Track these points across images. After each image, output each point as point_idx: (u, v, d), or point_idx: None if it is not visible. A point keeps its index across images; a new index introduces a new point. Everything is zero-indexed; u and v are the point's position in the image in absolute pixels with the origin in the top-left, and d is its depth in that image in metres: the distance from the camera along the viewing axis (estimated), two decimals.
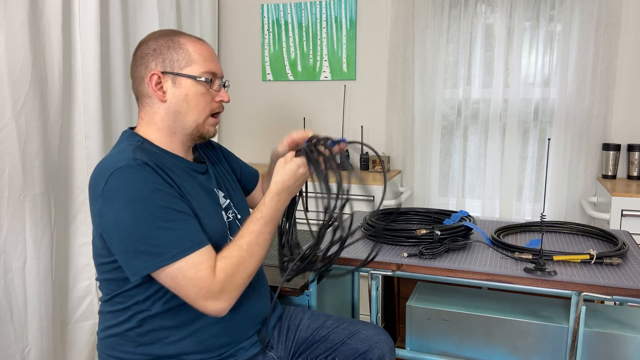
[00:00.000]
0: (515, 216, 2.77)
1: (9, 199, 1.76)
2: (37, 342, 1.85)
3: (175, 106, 1.18)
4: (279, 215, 1.16)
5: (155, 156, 1.14)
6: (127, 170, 1.05)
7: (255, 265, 1.13)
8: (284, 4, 3.10)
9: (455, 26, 2.76)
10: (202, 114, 1.20)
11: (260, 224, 1.13)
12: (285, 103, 3.17)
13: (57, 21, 1.90)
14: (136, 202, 1.04)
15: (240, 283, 1.10)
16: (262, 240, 1.13)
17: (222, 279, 1.06)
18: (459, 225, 1.58)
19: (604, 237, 1.62)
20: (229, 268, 1.08)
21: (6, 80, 1.72)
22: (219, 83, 1.22)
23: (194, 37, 1.22)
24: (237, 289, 1.10)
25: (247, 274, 1.11)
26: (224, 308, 1.08)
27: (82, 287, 2.09)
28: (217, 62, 1.22)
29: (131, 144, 1.14)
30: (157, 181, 1.07)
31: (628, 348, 1.39)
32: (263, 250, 1.14)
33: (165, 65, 1.17)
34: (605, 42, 2.52)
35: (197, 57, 1.18)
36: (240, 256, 1.09)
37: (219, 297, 1.06)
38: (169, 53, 1.17)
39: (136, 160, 1.07)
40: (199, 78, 1.17)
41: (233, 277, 1.08)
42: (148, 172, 1.06)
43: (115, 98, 2.23)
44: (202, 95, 1.19)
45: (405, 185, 2.96)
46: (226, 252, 1.10)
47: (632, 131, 2.59)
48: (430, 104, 2.83)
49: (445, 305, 1.57)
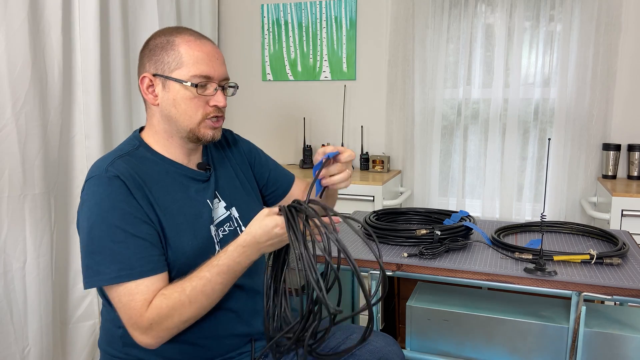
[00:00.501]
0: (516, 216, 2.77)
1: (8, 199, 1.76)
2: (37, 342, 1.85)
3: (166, 110, 1.14)
4: (238, 269, 1.04)
5: (142, 165, 1.12)
6: (95, 181, 1.06)
7: (195, 313, 1.04)
8: (284, 4, 3.10)
9: (455, 26, 2.76)
10: (194, 119, 1.13)
11: (213, 273, 1.03)
12: (285, 103, 3.17)
13: (57, 21, 1.90)
14: (94, 216, 1.04)
15: (171, 327, 1.02)
16: (209, 289, 1.03)
17: (152, 317, 1.01)
18: (459, 225, 1.58)
19: (604, 237, 1.62)
20: (163, 309, 1.01)
21: (6, 80, 1.72)
22: (214, 87, 1.14)
23: (195, 36, 1.15)
24: (167, 331, 1.03)
25: (182, 319, 1.03)
26: (151, 344, 1.03)
27: (82, 287, 2.08)
28: (213, 64, 1.13)
29: (121, 149, 1.14)
30: (119, 198, 1.04)
31: (628, 348, 1.39)
32: (208, 300, 1.04)
33: (157, 67, 1.13)
34: (605, 42, 2.52)
35: (188, 60, 1.11)
36: (179, 299, 1.01)
37: (145, 333, 1.02)
38: (161, 54, 1.12)
39: (108, 172, 1.06)
40: (185, 82, 1.10)
41: (165, 318, 1.01)
42: (114, 187, 1.05)
43: (115, 98, 2.23)
44: (190, 100, 1.12)
45: (405, 185, 2.96)
46: (168, 290, 1.03)
47: (632, 131, 2.59)
48: (430, 104, 2.83)
49: (445, 305, 1.57)
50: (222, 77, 1.16)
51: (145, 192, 1.08)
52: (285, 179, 1.44)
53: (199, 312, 1.05)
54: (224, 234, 1.20)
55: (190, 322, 1.05)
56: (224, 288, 1.05)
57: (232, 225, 1.23)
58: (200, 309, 1.04)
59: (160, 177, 1.13)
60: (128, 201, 1.05)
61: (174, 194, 1.14)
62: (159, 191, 1.11)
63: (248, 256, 1.03)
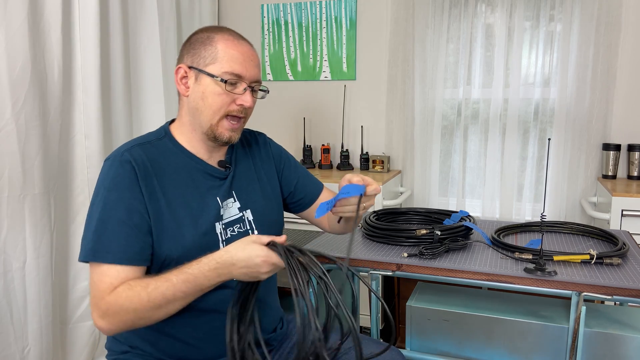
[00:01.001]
0: (516, 216, 2.77)
1: (8, 199, 1.76)
2: (37, 342, 1.85)
3: (194, 102, 1.16)
4: (204, 284, 1.02)
5: (160, 155, 1.14)
6: (110, 163, 1.11)
7: (150, 313, 1.02)
8: (284, 4, 3.10)
9: (455, 26, 2.76)
10: (216, 115, 1.15)
11: (179, 279, 1.01)
12: (285, 103, 3.17)
13: (57, 21, 1.90)
14: (98, 194, 1.09)
15: (125, 319, 1.03)
16: (170, 294, 1.01)
17: (110, 303, 1.02)
18: (459, 225, 1.58)
19: (604, 237, 1.62)
20: (122, 298, 1.02)
21: (6, 80, 1.72)
22: (243, 86, 1.16)
23: (235, 36, 1.17)
24: (122, 323, 1.03)
25: (137, 315, 1.02)
26: (104, 329, 1.04)
27: (82, 287, 2.08)
28: (247, 65, 1.15)
29: (146, 138, 1.19)
30: (124, 183, 1.08)
31: (628, 348, 1.39)
32: (167, 305, 1.02)
33: (194, 60, 1.16)
34: (605, 42, 2.51)
35: (223, 56, 1.14)
36: (138, 294, 1.01)
37: (101, 316, 1.03)
38: (200, 48, 1.16)
39: (123, 156, 1.10)
40: (216, 77, 1.13)
41: (121, 308, 1.02)
42: (124, 171, 1.09)
43: (115, 98, 2.23)
44: (218, 95, 1.14)
45: (405, 185, 2.96)
46: (134, 282, 1.04)
47: (632, 131, 2.59)
48: (430, 104, 2.83)
49: (445, 305, 1.57)
50: (253, 79, 1.18)
51: (153, 182, 1.11)
52: (314, 188, 1.42)
53: (154, 314, 1.03)
54: (232, 234, 1.20)
55: (145, 321, 1.04)
56: (185, 298, 1.03)
57: (244, 227, 1.23)
58: (156, 310, 1.02)
59: (175, 169, 1.16)
60: (131, 188, 1.08)
61: (184, 188, 1.15)
62: (168, 182, 1.13)
63: (219, 274, 1.02)
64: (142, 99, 2.41)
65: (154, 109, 2.44)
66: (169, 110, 2.50)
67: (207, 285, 1.03)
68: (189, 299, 1.04)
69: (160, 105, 2.45)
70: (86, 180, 2.06)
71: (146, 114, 2.42)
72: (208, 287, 1.03)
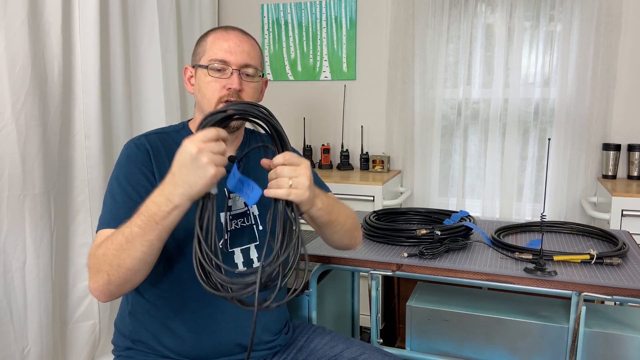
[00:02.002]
0: (516, 216, 2.77)
1: (8, 199, 1.76)
2: (37, 342, 1.85)
3: (196, 96, 1.22)
4: (157, 214, 0.94)
5: (174, 144, 1.17)
6: (127, 144, 1.18)
7: (118, 258, 0.97)
8: (284, 4, 3.10)
9: (455, 26, 2.76)
10: (212, 102, 1.17)
11: (135, 216, 0.97)
12: (285, 103, 3.17)
13: (57, 21, 1.90)
14: (114, 171, 1.16)
15: (101, 271, 0.99)
16: (127, 231, 0.96)
17: (92, 257, 1.01)
18: (459, 225, 1.58)
19: (604, 237, 1.62)
20: (100, 249, 1.00)
21: (6, 80, 1.72)
22: (229, 71, 1.16)
23: (226, 29, 1.21)
24: (100, 277, 0.99)
25: (107, 262, 0.98)
26: (92, 291, 1.02)
27: (82, 287, 2.08)
28: (233, 50, 1.17)
29: (164, 129, 1.25)
30: (137, 160, 1.14)
31: (628, 348, 1.39)
32: (128, 244, 0.96)
33: (193, 58, 1.24)
34: (605, 42, 2.51)
35: (211, 47, 1.18)
36: (108, 240, 0.99)
37: (90, 278, 1.02)
38: (196, 47, 1.23)
39: (139, 139, 1.18)
40: (203, 66, 1.17)
41: (97, 259, 0.99)
42: (138, 150, 1.15)
43: (115, 98, 2.23)
44: (208, 83, 1.17)
45: (405, 185, 2.96)
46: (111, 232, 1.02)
47: (632, 131, 2.59)
48: (430, 104, 2.83)
49: (445, 305, 1.57)
50: (241, 63, 1.18)
51: (166, 166, 1.10)
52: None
53: (121, 258, 0.97)
54: (235, 227, 1.21)
55: (117, 270, 0.98)
56: (141, 233, 0.95)
57: (248, 222, 1.22)
58: (120, 251, 0.96)
59: None
60: (144, 165, 1.14)
61: None
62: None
63: (166, 196, 0.93)
64: (142, 99, 2.41)
65: (154, 109, 2.44)
66: (169, 110, 2.50)
67: (160, 215, 0.93)
68: (147, 235, 0.95)
69: (161, 105, 2.45)
70: (86, 180, 2.06)
71: (146, 114, 2.42)
72: (162, 217, 0.94)
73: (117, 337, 1.25)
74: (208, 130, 0.92)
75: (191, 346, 1.17)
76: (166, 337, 1.17)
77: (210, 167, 0.90)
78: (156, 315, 1.18)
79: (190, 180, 0.91)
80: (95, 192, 2.08)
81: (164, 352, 1.18)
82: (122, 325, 1.24)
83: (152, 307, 1.18)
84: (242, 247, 1.21)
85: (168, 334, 1.17)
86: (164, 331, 1.17)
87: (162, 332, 1.18)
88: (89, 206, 2.07)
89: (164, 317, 1.17)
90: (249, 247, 1.22)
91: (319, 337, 1.32)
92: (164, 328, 1.17)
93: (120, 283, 1.01)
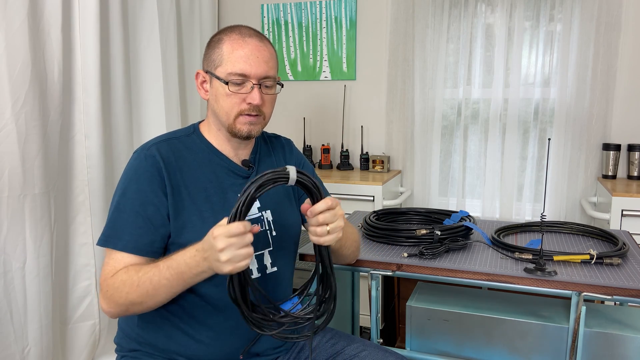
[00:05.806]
0: (516, 216, 2.77)
1: (8, 199, 1.76)
2: (37, 342, 1.85)
3: (212, 104, 1.20)
4: (186, 272, 1.03)
5: (186, 150, 1.18)
6: (136, 155, 1.16)
7: (141, 299, 1.06)
8: (284, 4, 3.10)
9: (455, 26, 2.76)
10: (230, 116, 1.17)
11: (165, 265, 1.05)
12: (285, 103, 3.16)
13: (57, 21, 1.90)
14: (121, 183, 1.15)
15: (120, 302, 1.08)
16: (156, 279, 1.04)
17: (109, 285, 1.08)
18: (459, 225, 1.58)
19: (604, 237, 1.62)
20: (117, 281, 1.08)
21: (6, 80, 1.72)
22: (250, 85, 1.15)
23: (242, 34, 1.16)
24: (118, 306, 1.09)
25: (129, 299, 1.07)
26: (105, 310, 1.11)
27: (82, 287, 2.08)
28: (252, 62, 1.14)
29: (174, 133, 1.23)
30: (145, 174, 1.12)
31: (628, 348, 1.39)
32: (153, 291, 1.05)
33: (207, 64, 1.20)
34: (605, 42, 2.52)
35: (228, 57, 1.15)
36: (130, 278, 1.07)
37: (103, 297, 1.11)
38: (210, 52, 1.19)
39: (150, 150, 1.15)
40: (222, 80, 1.15)
41: (116, 290, 1.08)
42: (146, 163, 1.13)
43: (115, 98, 2.23)
44: (227, 96, 1.15)
45: (405, 185, 2.96)
46: (132, 267, 1.09)
47: (632, 131, 2.59)
48: (430, 104, 2.83)
49: (445, 305, 1.57)
50: (260, 76, 1.16)
51: (177, 177, 1.15)
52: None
53: (145, 301, 1.06)
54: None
55: (138, 307, 1.08)
56: (169, 285, 1.04)
57: (262, 228, 1.23)
58: (145, 296, 1.06)
59: (199, 164, 1.19)
60: (151, 182, 1.12)
61: (207, 182, 1.18)
62: (192, 176, 1.17)
63: (197, 262, 1.01)
64: (142, 99, 2.41)
65: (154, 109, 2.44)
66: (169, 110, 2.50)
67: (189, 276, 1.03)
68: (173, 289, 1.05)
69: (160, 105, 2.45)
70: (86, 180, 2.06)
71: (146, 114, 2.42)
72: (190, 277, 1.03)
73: (121, 338, 1.25)
74: (236, 227, 0.95)
75: (205, 351, 1.17)
76: (179, 340, 1.16)
77: (228, 265, 0.96)
78: (169, 318, 1.17)
79: (214, 265, 0.99)
80: (96, 192, 2.08)
81: (173, 356, 1.18)
82: (127, 326, 1.23)
83: (164, 310, 1.17)
84: (256, 254, 1.20)
85: (182, 337, 1.16)
86: (176, 333, 1.17)
87: (174, 334, 1.17)
88: (89, 206, 2.07)
89: (177, 321, 1.17)
90: (263, 252, 1.23)
91: (320, 335, 1.33)
92: (178, 331, 1.17)
93: (137, 312, 1.12)
